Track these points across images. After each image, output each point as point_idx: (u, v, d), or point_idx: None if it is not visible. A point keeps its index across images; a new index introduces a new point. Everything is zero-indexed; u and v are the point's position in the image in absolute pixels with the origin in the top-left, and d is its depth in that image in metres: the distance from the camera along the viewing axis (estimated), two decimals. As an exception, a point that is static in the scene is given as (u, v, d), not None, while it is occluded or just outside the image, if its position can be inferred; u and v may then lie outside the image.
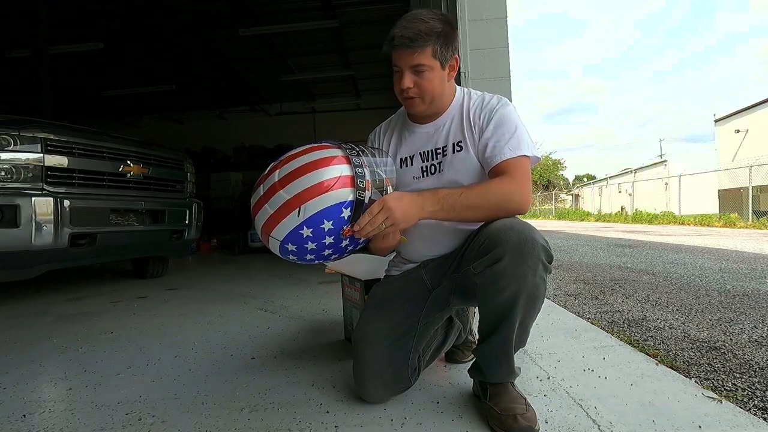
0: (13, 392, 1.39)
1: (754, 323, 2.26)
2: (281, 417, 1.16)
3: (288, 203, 0.99)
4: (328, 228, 1.00)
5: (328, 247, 1.04)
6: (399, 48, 1.14)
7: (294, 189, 1.00)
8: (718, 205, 15.90)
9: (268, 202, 1.02)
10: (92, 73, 7.38)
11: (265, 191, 1.04)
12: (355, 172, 1.02)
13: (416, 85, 1.17)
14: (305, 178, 1.00)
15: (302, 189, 0.99)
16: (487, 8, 2.42)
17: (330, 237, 1.02)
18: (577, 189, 33.66)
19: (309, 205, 0.99)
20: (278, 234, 1.02)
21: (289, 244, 1.03)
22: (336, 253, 1.08)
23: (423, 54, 1.14)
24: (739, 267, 4.20)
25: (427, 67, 1.15)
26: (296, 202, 0.99)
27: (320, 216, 0.99)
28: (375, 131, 1.42)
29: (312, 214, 0.99)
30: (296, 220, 0.99)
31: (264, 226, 1.04)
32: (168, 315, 2.43)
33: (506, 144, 1.15)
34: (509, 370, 1.12)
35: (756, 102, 16.40)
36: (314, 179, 1.00)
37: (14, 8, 4.99)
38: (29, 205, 2.34)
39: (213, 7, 5.47)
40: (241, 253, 6.00)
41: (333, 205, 0.99)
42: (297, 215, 0.98)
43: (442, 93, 1.22)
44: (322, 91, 8.93)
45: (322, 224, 1.00)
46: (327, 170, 1.01)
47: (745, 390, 1.47)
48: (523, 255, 1.01)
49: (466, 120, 1.23)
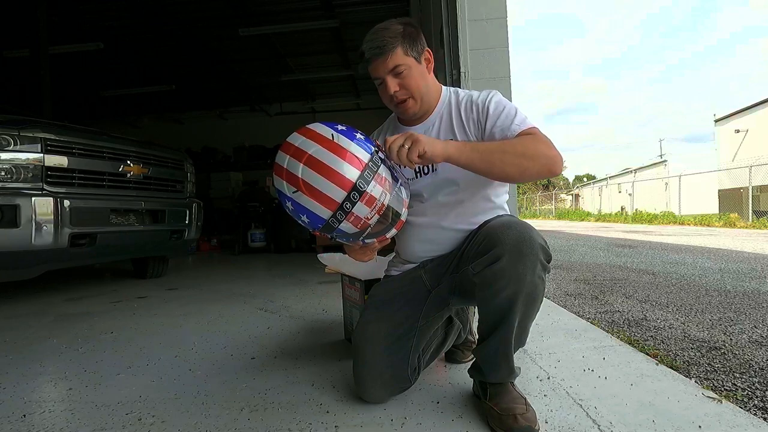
0: (13, 392, 1.39)
1: (754, 323, 2.26)
2: (281, 417, 1.16)
3: (297, 184, 1.03)
4: (305, 220, 1.05)
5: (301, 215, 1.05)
6: (373, 59, 1.17)
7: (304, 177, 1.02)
8: (718, 205, 15.90)
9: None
10: (92, 73, 7.38)
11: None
12: (342, 204, 1.01)
13: (401, 86, 1.19)
14: (313, 174, 1.02)
15: (307, 183, 1.02)
16: (487, 8, 2.42)
17: (306, 225, 1.06)
18: (577, 189, 33.68)
19: (303, 196, 1.02)
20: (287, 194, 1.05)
21: (288, 203, 1.06)
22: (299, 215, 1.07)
23: (395, 55, 1.16)
24: (739, 267, 4.20)
25: (405, 66, 1.17)
26: (299, 187, 1.03)
27: (301, 211, 1.03)
28: (370, 136, 1.42)
29: (297, 205, 1.03)
30: (287, 195, 1.04)
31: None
32: (168, 315, 2.43)
33: (512, 122, 1.14)
34: (509, 370, 1.12)
35: (756, 102, 16.39)
36: (317, 183, 1.01)
37: (14, 8, 4.99)
38: (29, 205, 2.34)
39: (213, 7, 5.47)
40: (241, 253, 6.00)
41: (311, 212, 1.02)
42: (289, 191, 1.04)
43: (427, 87, 1.23)
44: (322, 91, 8.93)
45: (301, 216, 1.05)
46: (328, 182, 1.01)
47: (745, 390, 1.47)
48: (522, 255, 1.01)
49: (456, 117, 1.23)
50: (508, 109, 1.17)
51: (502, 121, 1.16)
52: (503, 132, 1.14)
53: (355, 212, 1.01)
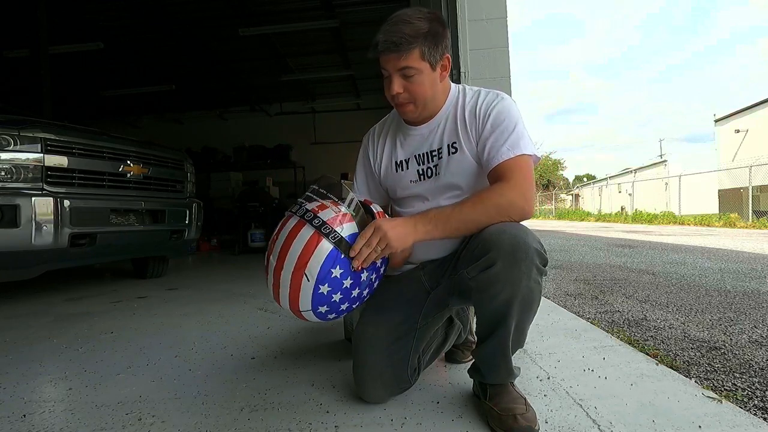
0: (13, 392, 1.39)
1: (754, 323, 2.26)
2: (281, 417, 1.16)
3: (294, 276, 1.05)
4: (340, 273, 1.05)
5: (352, 288, 1.08)
6: (383, 52, 1.11)
7: (290, 262, 1.05)
8: (718, 205, 15.90)
9: (280, 286, 1.08)
10: (92, 73, 7.38)
11: (273, 278, 1.10)
12: (313, 224, 1.06)
13: (406, 90, 1.15)
14: (292, 249, 1.06)
15: (296, 258, 1.05)
16: (487, 8, 2.42)
17: (347, 279, 1.06)
18: (577, 189, 33.67)
19: (310, 266, 1.04)
20: (304, 305, 1.08)
21: (319, 307, 1.08)
22: (366, 288, 1.13)
23: (410, 57, 1.10)
24: (739, 267, 4.20)
25: (416, 70, 1.12)
26: (299, 271, 1.05)
27: (325, 269, 1.04)
28: (369, 133, 1.40)
29: (317, 273, 1.04)
30: (309, 285, 1.05)
31: (291, 306, 1.10)
32: (168, 315, 2.43)
33: (504, 143, 1.11)
34: (508, 371, 1.12)
35: (756, 102, 16.39)
36: (299, 246, 1.05)
37: (14, 8, 4.99)
38: (29, 205, 2.34)
39: (213, 7, 5.47)
40: (241, 253, 6.00)
41: (327, 257, 1.04)
42: (307, 281, 1.05)
43: (434, 95, 1.18)
44: (322, 91, 8.92)
45: (331, 275, 1.05)
46: (301, 235, 1.06)
47: (745, 390, 1.47)
48: (517, 260, 1.00)
49: (461, 119, 1.20)
50: (506, 124, 1.13)
51: (494, 139, 1.13)
52: (490, 152, 1.13)
53: (323, 217, 1.06)
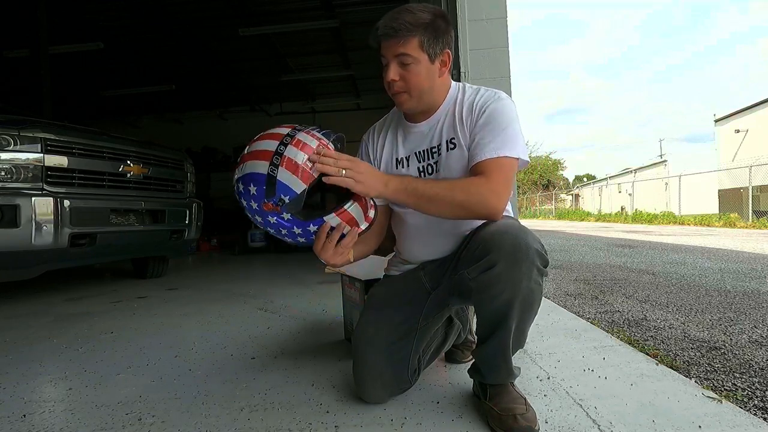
0: (13, 392, 1.39)
1: (754, 323, 2.26)
2: (281, 417, 1.16)
3: (242, 158, 1.09)
4: (253, 192, 1.03)
5: (257, 213, 1.06)
6: (383, 37, 1.11)
7: (249, 149, 1.08)
8: (718, 205, 15.91)
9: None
10: (92, 73, 7.38)
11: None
12: (276, 149, 1.02)
13: (402, 78, 1.14)
14: (255, 144, 1.08)
15: (249, 151, 1.07)
16: (487, 8, 2.42)
17: (255, 202, 1.04)
18: (577, 189, 33.67)
19: (246, 164, 1.05)
20: (237, 172, 1.09)
21: (240, 184, 1.07)
22: (268, 227, 1.08)
23: (408, 44, 1.10)
24: (739, 267, 4.20)
25: (413, 59, 1.11)
26: (243, 159, 1.08)
27: (248, 178, 1.04)
28: (369, 131, 1.39)
29: (244, 174, 1.05)
30: (237, 173, 1.08)
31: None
32: (168, 315, 2.43)
33: (491, 142, 1.11)
34: (508, 371, 1.12)
35: (756, 102, 16.40)
36: (257, 146, 1.06)
37: (14, 8, 4.99)
38: (29, 205, 2.34)
39: (213, 7, 5.47)
40: (241, 253, 6.00)
41: (252, 173, 1.03)
42: (238, 170, 1.08)
43: (431, 88, 1.17)
44: (322, 91, 8.93)
45: (249, 186, 1.04)
46: (264, 142, 1.06)
47: (745, 390, 1.47)
48: (517, 261, 0.99)
49: (458, 115, 1.19)
50: (498, 122, 1.13)
51: (482, 136, 1.12)
52: (476, 148, 1.12)
53: (288, 155, 1.00)
